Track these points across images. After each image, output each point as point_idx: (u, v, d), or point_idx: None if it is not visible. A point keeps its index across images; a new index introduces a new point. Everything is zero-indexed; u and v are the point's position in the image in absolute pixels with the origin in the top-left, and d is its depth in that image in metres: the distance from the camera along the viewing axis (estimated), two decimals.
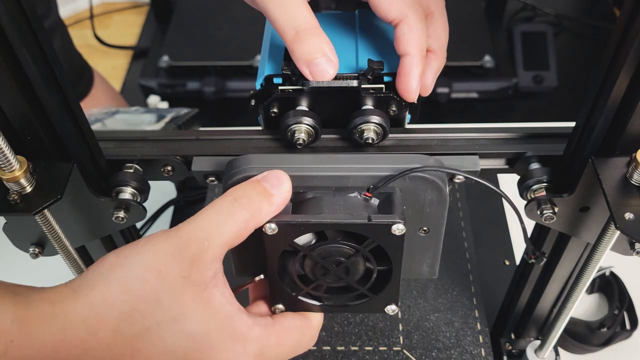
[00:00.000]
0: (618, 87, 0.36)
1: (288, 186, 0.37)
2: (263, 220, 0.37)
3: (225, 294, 0.36)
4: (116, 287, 0.34)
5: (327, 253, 0.39)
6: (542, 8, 1.57)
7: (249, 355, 0.37)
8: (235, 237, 0.36)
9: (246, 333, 0.37)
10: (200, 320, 0.35)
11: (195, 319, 0.35)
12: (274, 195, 0.37)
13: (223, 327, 0.36)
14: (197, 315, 0.35)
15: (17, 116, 0.37)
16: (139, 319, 0.34)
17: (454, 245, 0.69)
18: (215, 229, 0.35)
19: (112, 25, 1.85)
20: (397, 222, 0.36)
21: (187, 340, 0.35)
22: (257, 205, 0.36)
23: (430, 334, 0.62)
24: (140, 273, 0.34)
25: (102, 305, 0.33)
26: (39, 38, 0.35)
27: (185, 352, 0.35)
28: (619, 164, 0.39)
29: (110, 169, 0.44)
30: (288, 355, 0.40)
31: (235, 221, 0.36)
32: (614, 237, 0.41)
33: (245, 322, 0.37)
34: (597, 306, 0.71)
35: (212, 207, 0.36)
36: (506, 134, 0.45)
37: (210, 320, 0.35)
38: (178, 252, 0.35)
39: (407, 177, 0.38)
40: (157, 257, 0.35)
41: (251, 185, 0.37)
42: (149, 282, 0.34)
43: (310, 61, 0.41)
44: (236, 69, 1.45)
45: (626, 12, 0.34)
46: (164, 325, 0.34)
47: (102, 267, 0.35)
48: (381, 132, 0.43)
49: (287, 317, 0.41)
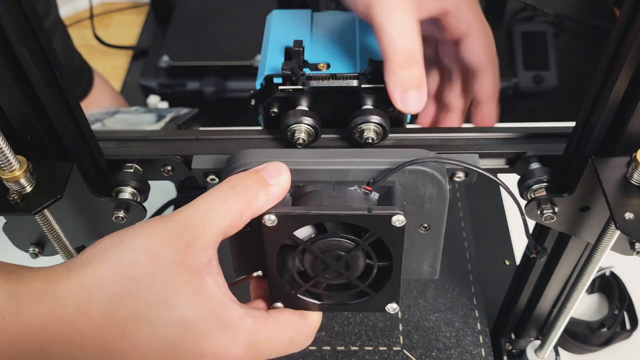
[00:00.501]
0: (618, 86, 0.36)
1: (287, 177, 0.37)
2: (259, 210, 0.37)
3: (218, 282, 0.36)
4: (109, 268, 0.34)
5: (327, 247, 0.39)
6: (542, 8, 1.57)
7: (238, 345, 0.36)
8: (230, 225, 0.36)
9: (237, 323, 0.36)
10: (190, 306, 0.34)
11: (186, 305, 0.34)
12: (272, 185, 0.37)
13: (213, 315, 0.35)
14: (188, 301, 0.34)
15: (17, 116, 0.37)
16: (129, 301, 0.33)
17: (454, 245, 0.69)
18: (210, 215, 0.35)
19: (112, 25, 1.85)
20: (398, 213, 0.36)
21: (176, 327, 0.34)
22: (253, 193, 0.36)
23: (430, 334, 0.62)
24: (134, 255, 0.34)
25: (93, 285, 0.33)
26: (39, 38, 0.35)
27: (174, 339, 0.35)
28: (619, 164, 0.39)
29: (110, 168, 0.44)
30: (281, 351, 0.39)
31: (231, 208, 0.35)
32: (614, 236, 0.41)
33: (237, 312, 0.36)
34: (597, 306, 0.71)
35: (209, 193, 0.36)
36: (506, 134, 0.45)
37: (201, 307, 0.35)
38: (172, 237, 0.34)
39: (407, 171, 0.38)
40: (151, 240, 0.34)
41: (249, 174, 0.37)
42: (142, 264, 0.34)
43: (407, 89, 0.40)
44: (236, 69, 1.45)
45: (626, 12, 0.34)
46: (154, 309, 0.34)
47: (97, 248, 0.35)
48: (381, 132, 0.43)
49: (284, 312, 0.41)
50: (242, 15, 1.54)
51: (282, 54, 0.46)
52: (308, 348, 0.60)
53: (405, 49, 0.40)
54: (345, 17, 0.51)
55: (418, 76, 0.41)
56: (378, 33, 0.41)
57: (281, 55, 0.46)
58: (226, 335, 0.36)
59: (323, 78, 0.43)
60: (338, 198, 0.39)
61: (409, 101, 0.40)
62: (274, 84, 0.43)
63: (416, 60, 0.41)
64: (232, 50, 1.47)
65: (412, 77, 0.40)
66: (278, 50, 0.47)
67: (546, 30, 1.47)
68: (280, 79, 0.43)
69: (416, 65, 0.41)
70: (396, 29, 0.40)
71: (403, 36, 0.40)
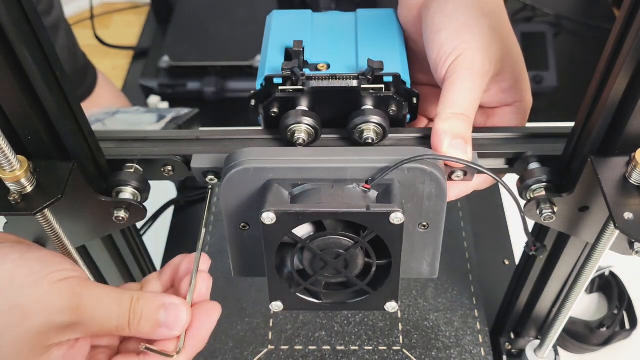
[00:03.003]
0: (617, 87, 0.36)
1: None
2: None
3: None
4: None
5: (326, 245, 0.39)
6: (542, 8, 1.57)
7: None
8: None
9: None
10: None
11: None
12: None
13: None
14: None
15: (18, 116, 0.37)
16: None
17: (454, 245, 0.70)
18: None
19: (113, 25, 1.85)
20: (396, 210, 0.36)
21: None
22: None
23: (430, 334, 0.62)
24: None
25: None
26: (40, 37, 0.35)
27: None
28: (618, 164, 0.39)
29: (110, 168, 0.44)
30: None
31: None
32: (614, 236, 0.41)
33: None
34: (596, 306, 0.71)
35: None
36: (506, 134, 0.45)
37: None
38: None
39: (406, 169, 0.39)
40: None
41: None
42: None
43: (453, 138, 0.41)
44: (236, 69, 1.45)
45: (625, 12, 0.34)
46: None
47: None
48: (381, 132, 0.43)
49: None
50: (242, 15, 1.54)
51: (282, 54, 0.46)
52: (308, 347, 0.61)
53: (467, 105, 0.42)
54: (345, 17, 0.51)
55: (468, 131, 0.42)
56: (448, 85, 0.43)
57: (281, 55, 0.46)
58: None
59: (323, 78, 0.43)
60: (337, 196, 0.39)
61: (454, 149, 0.41)
62: (274, 84, 0.43)
63: (471, 119, 0.42)
64: (232, 50, 1.47)
65: (461, 130, 0.42)
66: (278, 51, 0.47)
67: (546, 30, 1.47)
68: (280, 79, 0.43)
69: (469, 121, 0.42)
70: (468, 85, 0.42)
71: (471, 93, 0.42)
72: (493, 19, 0.45)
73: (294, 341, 0.61)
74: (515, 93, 0.46)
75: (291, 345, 0.61)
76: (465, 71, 0.42)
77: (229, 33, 1.52)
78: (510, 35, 0.46)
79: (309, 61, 0.45)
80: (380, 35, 0.49)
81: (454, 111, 0.42)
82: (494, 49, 0.44)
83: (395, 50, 0.47)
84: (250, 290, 0.65)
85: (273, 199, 0.38)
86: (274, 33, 0.49)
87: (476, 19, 0.44)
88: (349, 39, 0.48)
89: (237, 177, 0.39)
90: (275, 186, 0.39)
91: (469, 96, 0.42)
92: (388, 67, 0.43)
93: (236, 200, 0.40)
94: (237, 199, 0.40)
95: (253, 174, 0.39)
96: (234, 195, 0.40)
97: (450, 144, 0.41)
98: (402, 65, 0.46)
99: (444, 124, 0.41)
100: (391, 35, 0.49)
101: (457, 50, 0.43)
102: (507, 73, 0.45)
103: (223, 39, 1.51)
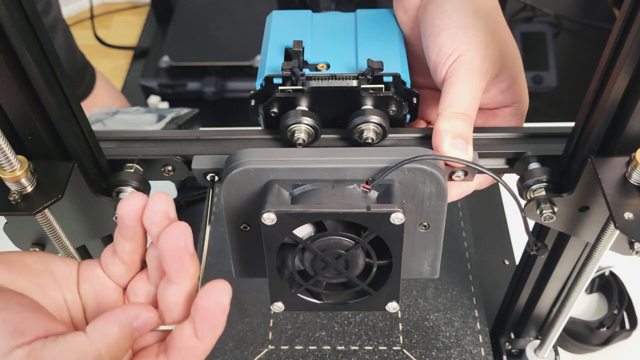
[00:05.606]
0: (617, 87, 0.36)
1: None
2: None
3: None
4: None
5: (327, 245, 0.39)
6: (542, 8, 1.58)
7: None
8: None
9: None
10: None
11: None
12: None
13: None
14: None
15: (18, 116, 0.37)
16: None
17: (454, 245, 0.70)
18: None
19: (113, 25, 1.85)
20: (396, 210, 0.36)
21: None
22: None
23: (430, 334, 0.62)
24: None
25: None
26: (40, 37, 0.35)
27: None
28: (618, 164, 0.39)
29: (110, 168, 0.44)
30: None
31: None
32: (614, 236, 0.41)
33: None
34: (596, 306, 0.71)
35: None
36: (506, 134, 0.45)
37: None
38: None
39: (406, 169, 0.39)
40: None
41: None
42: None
43: (454, 137, 0.41)
44: (236, 69, 1.46)
45: (625, 12, 0.34)
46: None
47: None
48: (381, 132, 0.43)
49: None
50: (242, 15, 1.54)
51: (282, 54, 0.46)
52: (308, 347, 0.61)
53: (468, 105, 0.42)
54: (345, 17, 0.51)
55: (469, 131, 0.42)
56: (447, 86, 0.43)
57: (281, 55, 0.46)
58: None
59: (323, 78, 0.43)
60: (337, 196, 0.39)
61: (456, 148, 0.41)
62: (273, 84, 0.43)
63: (472, 120, 0.42)
64: (232, 50, 1.47)
65: (463, 130, 0.42)
66: (278, 51, 0.47)
67: (546, 30, 1.47)
68: (280, 80, 0.43)
69: (470, 121, 0.42)
70: (468, 86, 0.42)
71: (470, 94, 0.43)
72: (490, 21, 0.45)
73: (294, 341, 0.61)
74: (514, 94, 0.46)
75: (291, 345, 0.61)
76: (466, 71, 0.43)
77: (229, 33, 1.52)
78: (508, 36, 0.47)
79: (308, 61, 0.45)
80: (380, 35, 0.49)
81: (455, 111, 0.42)
82: (492, 50, 0.44)
83: (395, 50, 0.47)
84: (251, 290, 0.65)
85: (273, 199, 0.38)
86: (274, 33, 0.49)
87: (474, 20, 0.44)
88: (349, 39, 0.48)
89: (237, 178, 0.39)
90: (276, 187, 0.39)
91: (469, 96, 0.42)
92: (388, 67, 0.44)
93: (237, 201, 0.40)
94: (237, 199, 0.40)
95: (254, 175, 0.39)
96: (234, 196, 0.40)
97: (451, 144, 0.41)
98: (402, 65, 0.46)
99: (445, 123, 0.41)
100: (391, 35, 0.49)
101: (457, 51, 0.43)
102: (506, 74, 0.45)
103: (223, 39, 1.51)
